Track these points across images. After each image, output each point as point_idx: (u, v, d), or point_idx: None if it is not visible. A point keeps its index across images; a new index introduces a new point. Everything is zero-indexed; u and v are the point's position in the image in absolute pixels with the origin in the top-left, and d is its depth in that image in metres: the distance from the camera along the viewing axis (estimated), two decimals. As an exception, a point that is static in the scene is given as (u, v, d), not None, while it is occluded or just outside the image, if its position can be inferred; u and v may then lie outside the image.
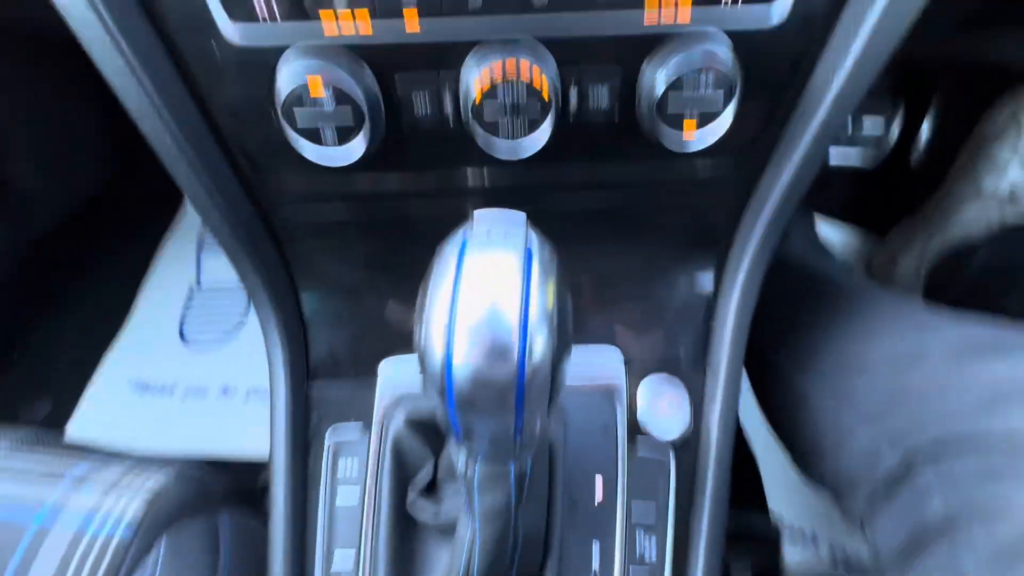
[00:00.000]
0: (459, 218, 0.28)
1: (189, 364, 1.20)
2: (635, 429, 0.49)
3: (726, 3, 0.34)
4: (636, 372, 0.50)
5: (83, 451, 0.51)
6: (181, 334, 1.24)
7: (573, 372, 0.29)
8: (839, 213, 1.33)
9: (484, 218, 0.26)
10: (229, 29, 0.34)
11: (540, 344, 0.25)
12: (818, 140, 0.40)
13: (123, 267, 1.34)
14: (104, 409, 1.17)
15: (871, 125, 1.24)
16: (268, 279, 0.47)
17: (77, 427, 1.15)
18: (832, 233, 1.32)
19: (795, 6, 0.34)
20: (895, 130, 1.25)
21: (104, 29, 0.32)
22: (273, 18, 0.33)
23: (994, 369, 0.43)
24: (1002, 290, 0.98)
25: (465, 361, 0.25)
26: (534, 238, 0.26)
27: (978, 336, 0.46)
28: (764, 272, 0.48)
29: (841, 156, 1.27)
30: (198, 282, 1.33)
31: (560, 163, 0.42)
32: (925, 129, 1.25)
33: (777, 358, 0.61)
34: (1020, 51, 0.85)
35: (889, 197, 1.31)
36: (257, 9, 0.33)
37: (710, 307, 0.50)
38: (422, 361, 0.26)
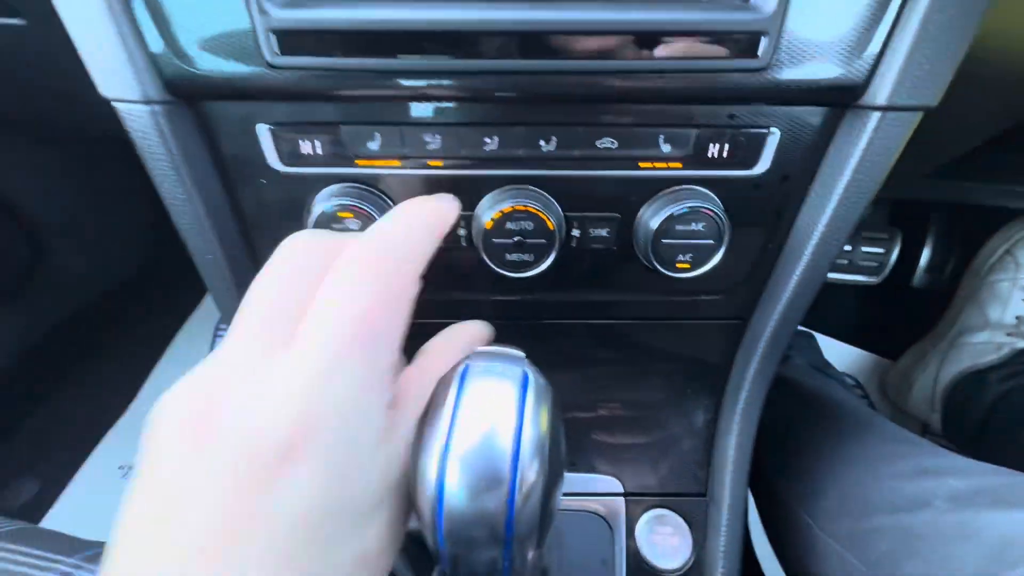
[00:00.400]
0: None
1: (185, 452, 1.18)
2: (635, 562, 0.47)
3: (713, 157, 0.39)
4: (635, 502, 0.49)
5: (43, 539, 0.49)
6: (183, 421, 1.23)
7: (570, 503, 0.29)
8: (842, 330, 1.34)
9: (485, 353, 0.28)
10: (277, 166, 0.39)
11: (532, 472, 0.26)
12: (807, 276, 0.43)
13: (139, 348, 1.37)
14: (91, 495, 1.14)
15: (870, 253, 1.29)
16: None
17: (59, 512, 1.11)
18: (837, 351, 1.32)
19: (774, 164, 0.39)
20: (894, 256, 1.30)
21: (164, 147, 0.36)
22: (317, 163, 0.38)
23: (1000, 521, 0.42)
24: (1019, 418, 0.98)
25: (457, 487, 0.25)
26: (531, 372, 0.28)
27: (985, 484, 0.46)
28: (763, 400, 0.48)
29: (842, 277, 1.31)
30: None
31: (562, 286, 0.45)
32: (924, 256, 1.29)
33: (781, 486, 0.59)
34: (1000, 198, 0.92)
35: (892, 315, 1.33)
36: (303, 155, 0.38)
37: (710, 435, 0.50)
38: (414, 485, 0.27)
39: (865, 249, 1.27)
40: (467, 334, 0.33)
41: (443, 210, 0.33)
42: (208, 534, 0.21)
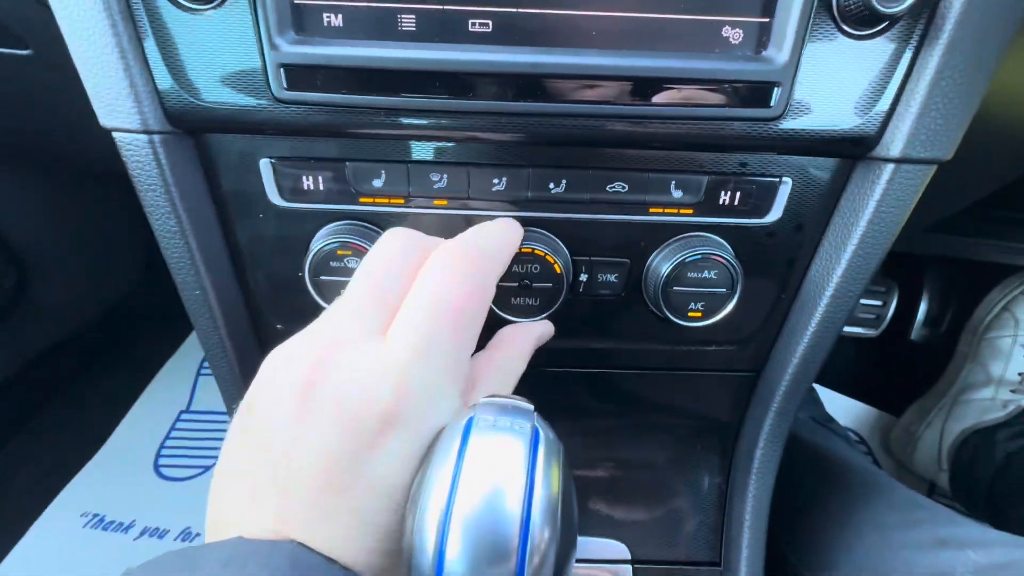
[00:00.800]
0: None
1: (156, 499, 1.11)
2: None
3: (722, 208, 0.38)
4: (645, 571, 0.45)
5: None
6: (156, 466, 1.17)
7: (574, 570, 0.26)
8: (842, 382, 1.33)
9: (491, 404, 0.26)
10: (277, 202, 0.38)
11: (544, 541, 0.23)
12: (823, 329, 0.42)
13: (114, 389, 1.32)
14: (48, 542, 1.06)
15: (867, 305, 1.29)
16: None
17: (14, 561, 1.03)
18: (838, 405, 1.30)
19: (787, 212, 0.38)
20: (891, 309, 1.30)
21: (161, 177, 0.35)
22: (318, 199, 0.37)
23: None
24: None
25: (459, 558, 0.22)
26: (541, 427, 0.26)
27: (1008, 558, 0.43)
28: (778, 461, 0.46)
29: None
30: (189, 406, 1.29)
31: (569, 334, 0.43)
32: (921, 310, 1.30)
33: (790, 553, 0.56)
34: (995, 254, 0.93)
35: (892, 368, 1.32)
36: (305, 191, 0.37)
37: (723, 497, 0.47)
38: (408, 553, 0.24)
39: (863, 301, 1.27)
40: (538, 330, 0.37)
41: (518, 231, 0.36)
42: (318, 492, 0.24)
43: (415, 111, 0.33)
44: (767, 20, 0.32)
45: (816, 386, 1.25)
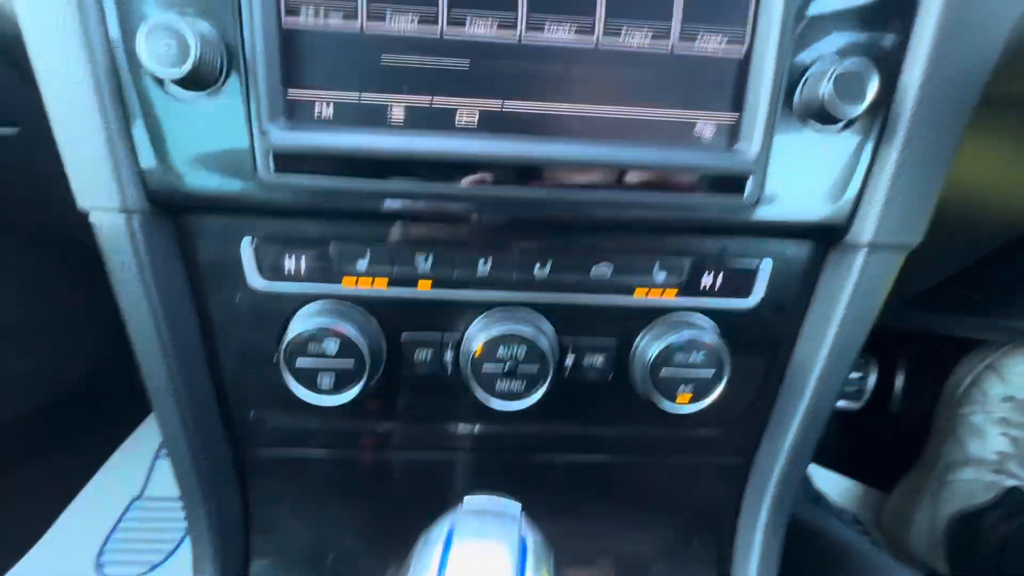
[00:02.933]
0: (444, 470, 0.26)
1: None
2: None
3: (705, 289, 0.38)
4: None
5: None
6: (98, 563, 1.05)
7: None
8: (828, 457, 1.32)
9: (474, 507, 0.24)
10: (256, 281, 0.37)
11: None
12: (813, 409, 0.41)
13: (66, 470, 1.22)
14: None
15: (849, 379, 1.31)
16: (219, 529, 0.42)
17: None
18: (824, 479, 1.28)
19: (768, 293, 0.39)
20: (871, 382, 1.32)
21: (135, 256, 0.33)
22: (299, 279, 0.36)
23: None
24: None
25: None
26: (528, 533, 0.24)
27: None
28: (780, 556, 0.43)
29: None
30: (143, 492, 1.19)
31: (554, 418, 0.41)
32: (898, 384, 1.32)
33: None
34: (961, 329, 0.96)
35: (876, 442, 1.31)
36: (286, 271, 0.36)
37: None
38: None
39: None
40: None
41: None
42: None
43: (402, 195, 0.33)
44: (736, 115, 0.34)
45: (803, 462, 1.23)
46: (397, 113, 0.33)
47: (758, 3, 0.32)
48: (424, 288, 0.37)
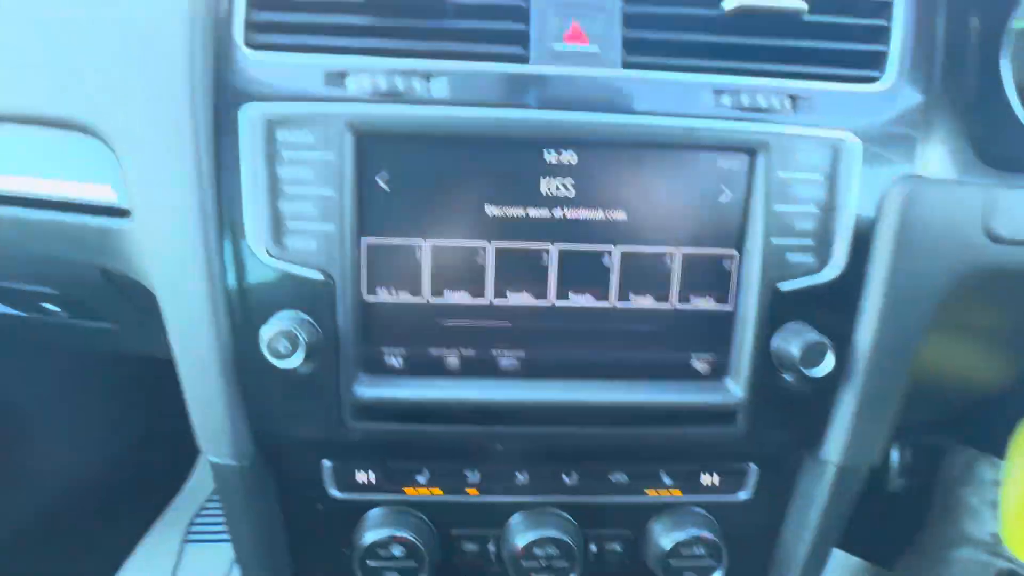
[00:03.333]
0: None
1: None
2: None
3: (705, 487, 0.46)
4: None
5: None
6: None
7: None
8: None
9: None
10: (332, 489, 0.44)
11: None
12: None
13: (98, 557, 1.25)
14: None
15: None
16: None
17: None
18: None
19: (756, 490, 0.46)
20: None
21: (245, 490, 0.41)
22: (369, 491, 0.44)
23: None
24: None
25: None
26: None
27: None
28: None
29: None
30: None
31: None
32: (894, 460, 1.36)
33: None
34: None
35: (875, 517, 1.35)
36: (359, 485, 0.44)
37: None
38: None
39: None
40: None
41: None
42: None
43: (458, 433, 0.41)
44: (724, 357, 0.42)
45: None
46: (451, 361, 0.42)
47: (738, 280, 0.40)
48: (472, 493, 0.45)
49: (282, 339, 0.36)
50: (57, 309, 0.53)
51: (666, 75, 0.38)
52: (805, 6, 0.37)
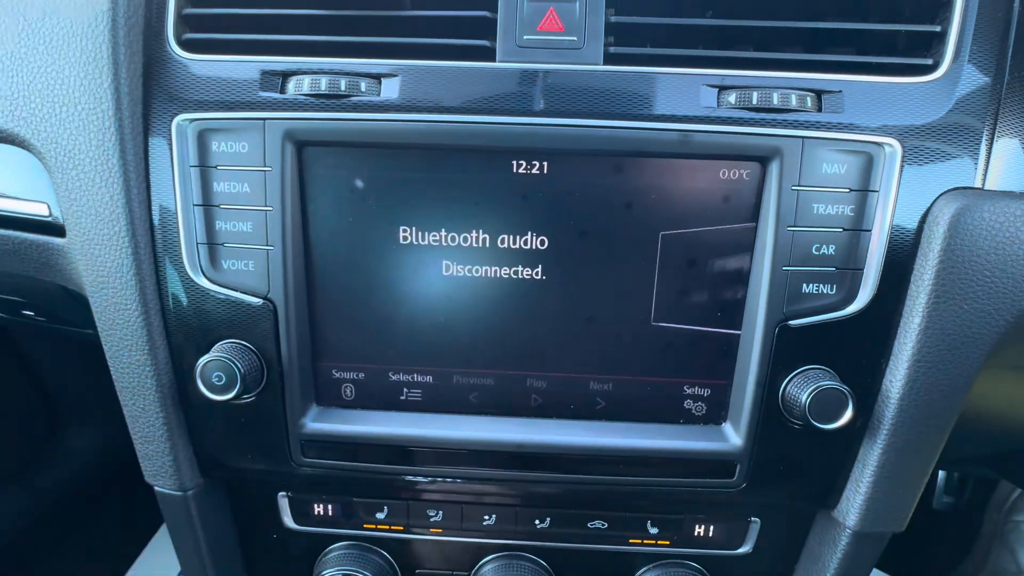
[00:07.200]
0: None
1: None
2: None
3: (699, 536, 0.41)
4: None
5: None
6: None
7: None
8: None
9: None
10: (288, 520, 0.42)
11: None
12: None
13: (120, 540, 1.30)
14: None
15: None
16: None
17: None
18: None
19: (757, 546, 0.41)
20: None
21: (189, 520, 0.39)
22: (326, 525, 0.41)
23: None
24: None
25: None
26: None
27: None
28: None
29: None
30: None
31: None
32: (941, 477, 1.26)
33: None
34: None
35: (916, 537, 1.26)
36: (316, 518, 0.41)
37: None
38: None
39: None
40: None
41: None
42: None
43: (417, 473, 0.38)
44: (724, 398, 0.36)
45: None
46: (413, 394, 0.38)
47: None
48: (436, 532, 0.41)
49: (215, 371, 0.33)
50: (36, 315, 0.53)
51: (657, 69, 0.32)
52: (834, -20, 0.30)
